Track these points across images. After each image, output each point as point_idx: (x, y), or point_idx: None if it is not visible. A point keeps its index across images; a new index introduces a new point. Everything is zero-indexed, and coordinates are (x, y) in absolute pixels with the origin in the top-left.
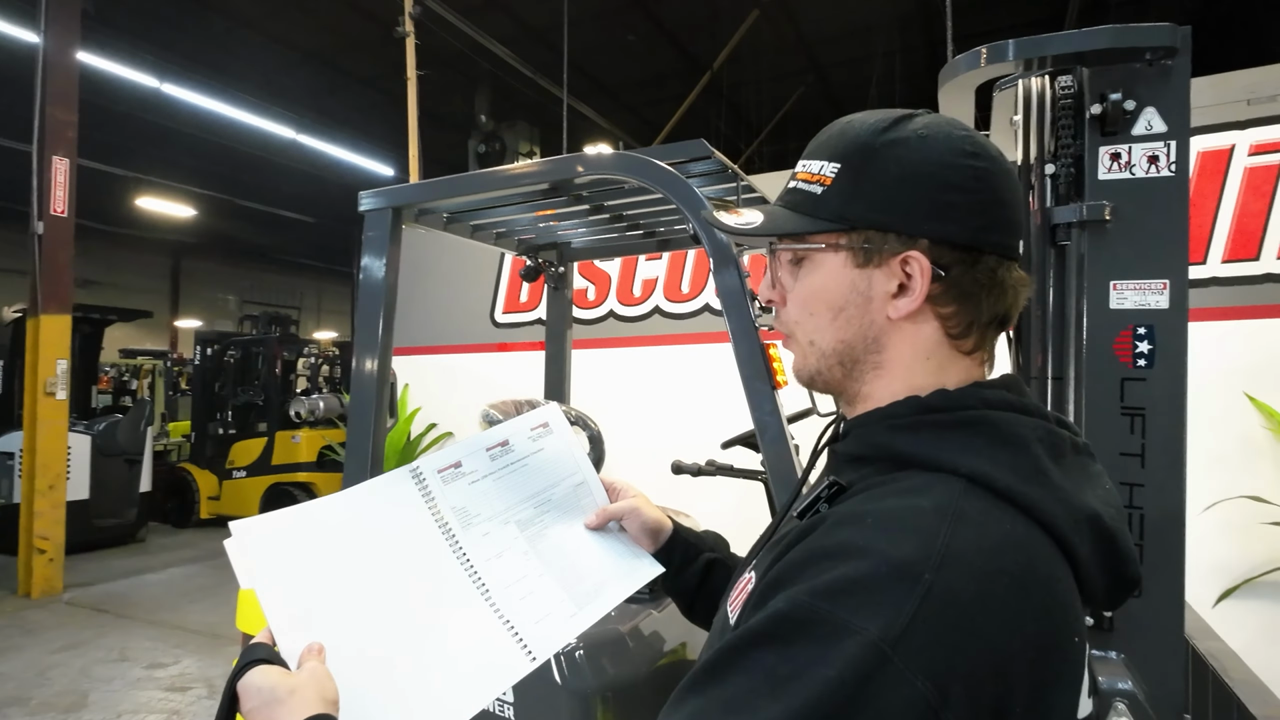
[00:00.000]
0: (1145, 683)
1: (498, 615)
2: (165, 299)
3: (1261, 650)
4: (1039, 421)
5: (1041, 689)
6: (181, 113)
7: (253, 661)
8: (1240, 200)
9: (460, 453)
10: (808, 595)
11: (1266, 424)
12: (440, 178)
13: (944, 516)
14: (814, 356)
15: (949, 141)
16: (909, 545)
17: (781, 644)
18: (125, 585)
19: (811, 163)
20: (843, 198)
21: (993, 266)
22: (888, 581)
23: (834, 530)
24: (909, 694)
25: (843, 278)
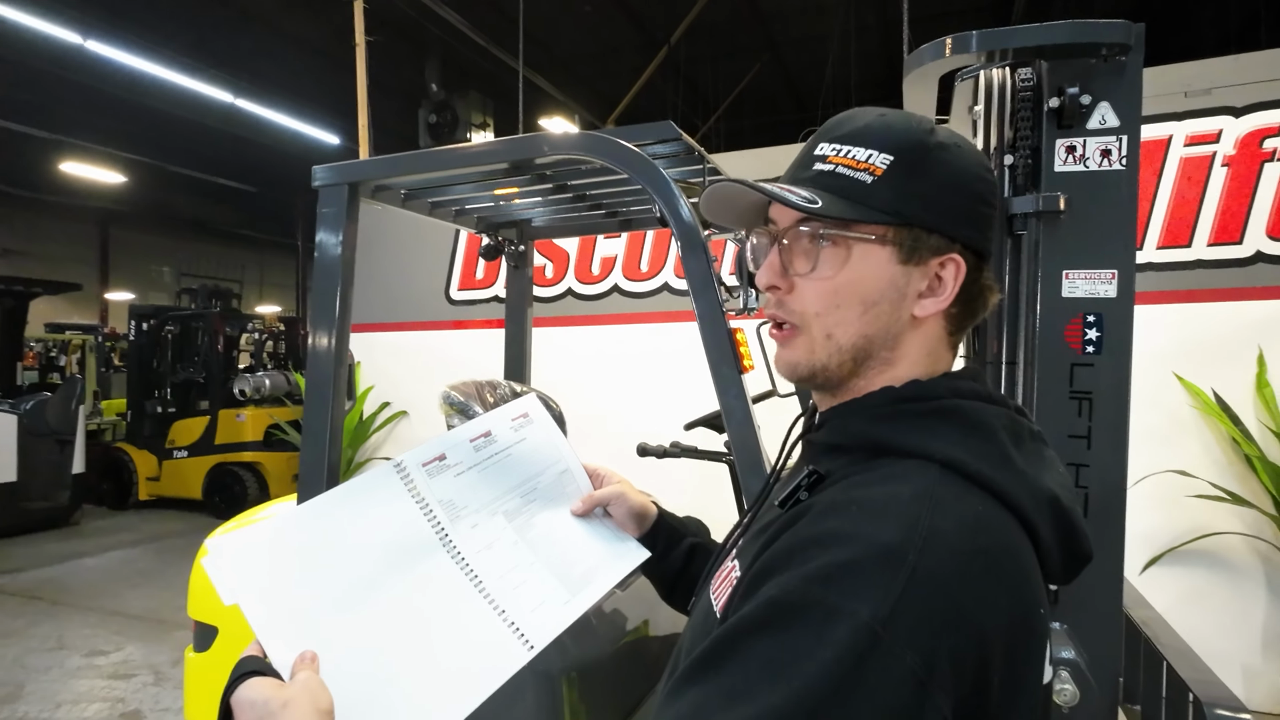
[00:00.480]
0: (1085, 650)
1: (493, 606)
2: (94, 270)
3: (1182, 613)
4: (1002, 410)
5: (1016, 659)
6: (107, 72)
7: (245, 674)
8: (1176, 189)
9: (444, 445)
10: (799, 581)
11: (1194, 403)
12: (400, 154)
13: (923, 502)
14: (827, 351)
15: (975, 155)
16: (893, 530)
17: (777, 630)
18: (60, 571)
19: (854, 149)
20: (896, 191)
21: (989, 275)
22: (875, 565)
23: (821, 519)
24: (900, 670)
25: (884, 272)
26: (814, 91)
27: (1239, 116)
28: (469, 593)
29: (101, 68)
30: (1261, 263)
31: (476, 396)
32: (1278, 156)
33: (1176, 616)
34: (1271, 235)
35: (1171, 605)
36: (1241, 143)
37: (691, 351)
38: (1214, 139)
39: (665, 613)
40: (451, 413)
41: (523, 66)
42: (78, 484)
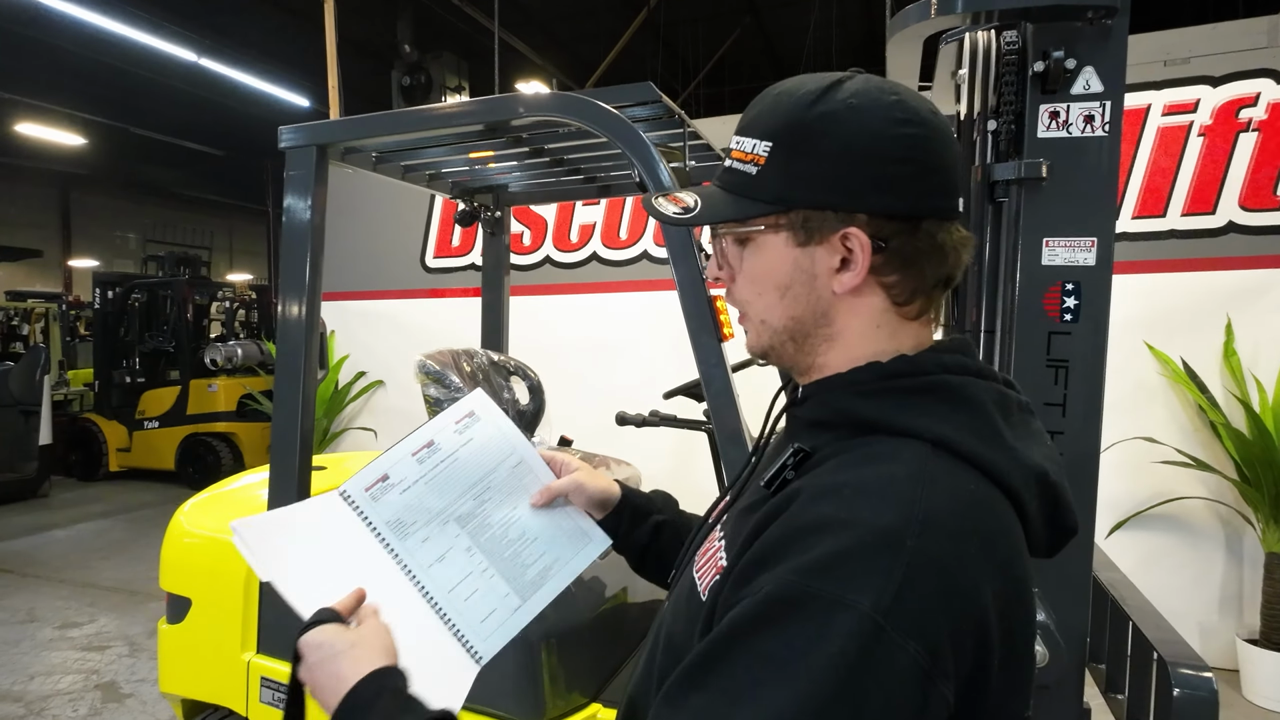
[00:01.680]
0: (1054, 612)
1: (443, 621)
2: (56, 237)
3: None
4: (991, 384)
5: (1012, 637)
6: (64, 28)
7: (314, 622)
8: (1152, 159)
9: (385, 465)
10: (796, 574)
11: (1162, 371)
12: (369, 114)
13: (917, 482)
14: (767, 333)
15: (880, 110)
16: (890, 513)
17: (777, 627)
18: (28, 543)
19: (745, 140)
20: (778, 178)
21: (932, 231)
22: (874, 551)
23: (813, 504)
24: (904, 661)
25: (786, 257)
26: (795, 57)
27: (1216, 86)
28: (420, 609)
29: (58, 23)
30: (1233, 233)
31: (453, 365)
32: (1253, 127)
33: (1138, 578)
34: (1244, 206)
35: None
36: (1218, 113)
37: (671, 320)
38: (1191, 109)
39: (644, 580)
40: (427, 381)
41: (498, 27)
42: (45, 455)
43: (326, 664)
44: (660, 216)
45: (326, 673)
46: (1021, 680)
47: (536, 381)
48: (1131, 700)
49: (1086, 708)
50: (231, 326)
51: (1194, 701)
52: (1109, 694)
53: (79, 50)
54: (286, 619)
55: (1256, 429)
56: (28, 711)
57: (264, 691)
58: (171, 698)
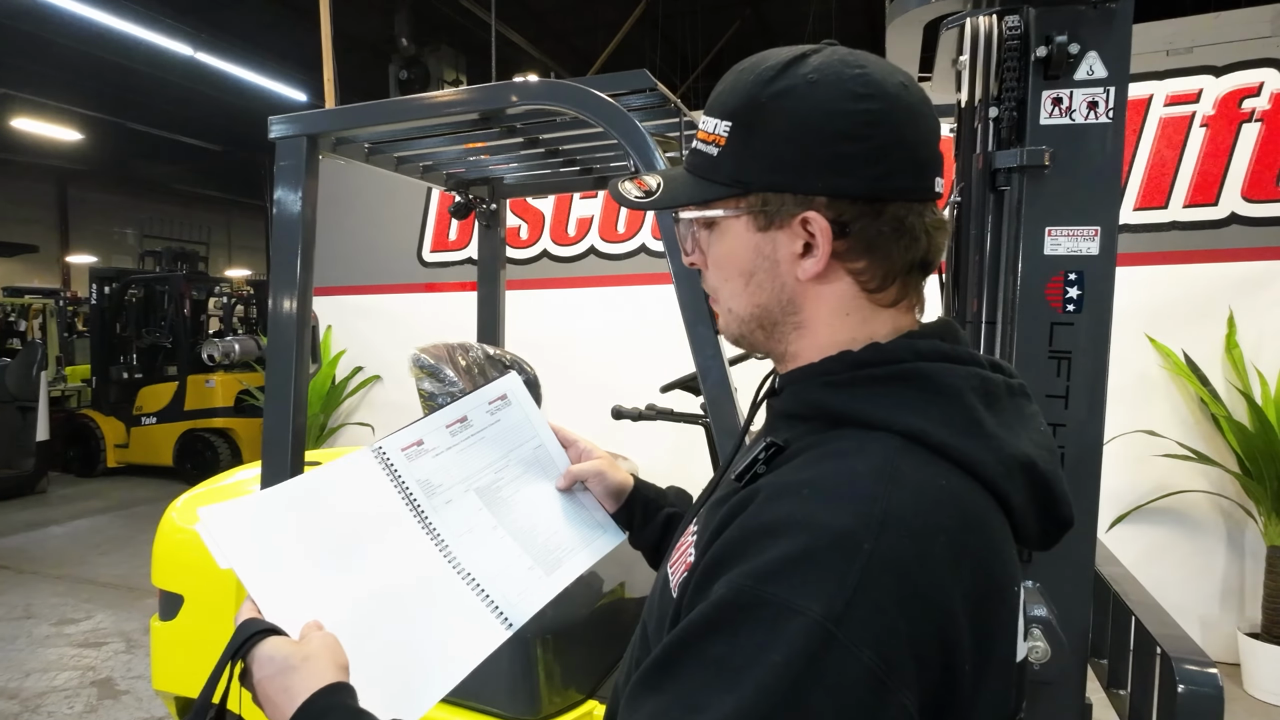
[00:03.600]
0: (1056, 607)
1: (471, 584)
2: (53, 232)
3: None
4: (972, 369)
5: (985, 639)
6: (60, 22)
7: (259, 633)
8: (1154, 150)
9: (421, 431)
10: (750, 580)
11: (1163, 363)
12: (360, 104)
13: (880, 479)
14: (734, 321)
15: (839, 84)
16: (847, 514)
17: (728, 633)
18: (26, 539)
19: (708, 120)
20: (736, 159)
21: (900, 214)
22: (828, 555)
23: (770, 504)
24: (857, 670)
25: (747, 242)
26: None
27: (1219, 76)
28: (446, 571)
29: (53, 18)
30: (1235, 224)
31: (448, 359)
32: (1256, 117)
33: (1139, 571)
34: (1246, 197)
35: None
36: (1221, 103)
37: (669, 313)
38: (1194, 99)
39: (641, 576)
40: (422, 375)
41: (496, 20)
42: (43, 451)
43: (276, 678)
44: (622, 200)
45: (276, 686)
46: (998, 683)
47: (533, 375)
48: (1134, 696)
49: (1088, 703)
50: (229, 322)
51: (1198, 697)
52: (1111, 689)
53: (75, 45)
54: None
55: (1258, 422)
56: (23, 709)
57: None
58: (165, 695)
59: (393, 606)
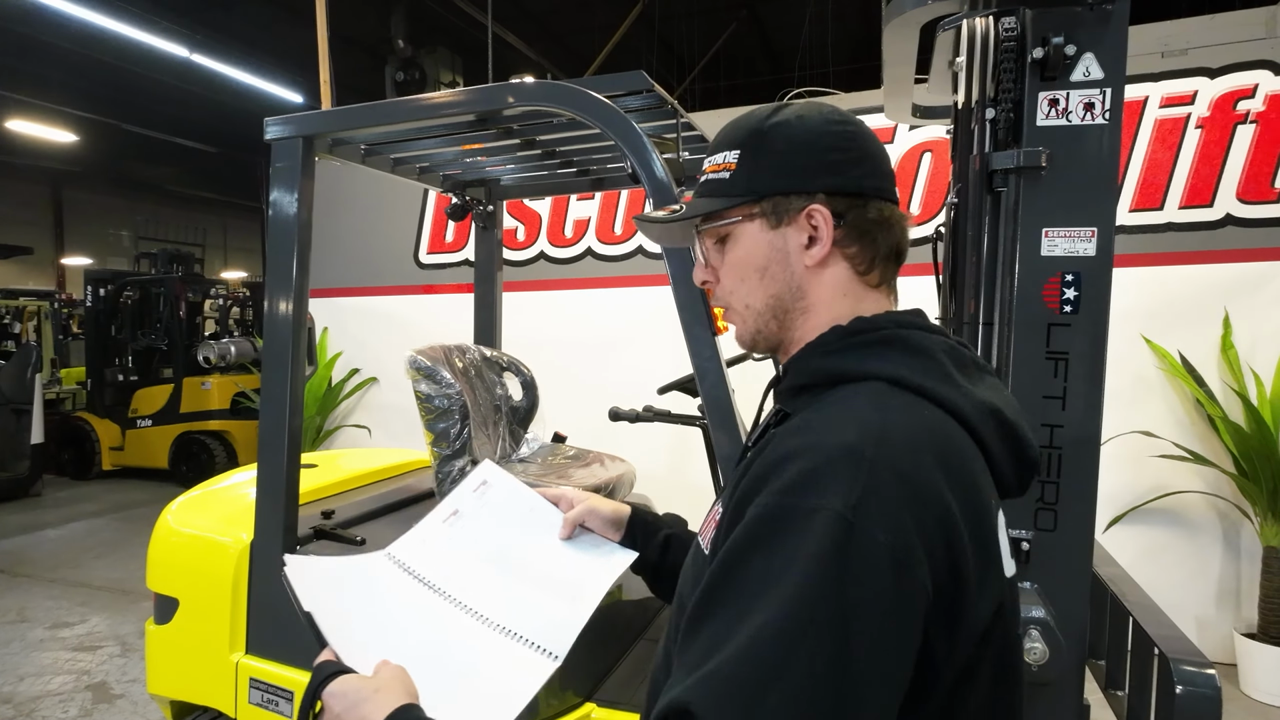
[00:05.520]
0: (1055, 609)
1: (508, 636)
2: (48, 234)
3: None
4: (943, 339)
5: (980, 544)
6: (55, 24)
7: (332, 674)
8: (1149, 151)
9: (422, 532)
10: (774, 496)
11: (1159, 364)
12: (356, 105)
13: (874, 408)
14: (751, 317)
15: (820, 115)
16: (849, 433)
17: (764, 544)
18: (20, 542)
19: (715, 156)
20: (747, 174)
21: (879, 208)
22: (838, 464)
23: (784, 440)
24: (877, 551)
25: (761, 240)
26: (790, 51)
27: (1214, 78)
28: (482, 629)
29: (49, 19)
30: (1231, 225)
31: (444, 361)
32: (1251, 119)
33: (1135, 572)
34: (1241, 198)
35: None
36: (1216, 104)
37: (666, 315)
38: (1189, 100)
39: (638, 578)
40: (418, 377)
41: (492, 21)
42: (37, 454)
43: (352, 710)
44: (651, 219)
45: (354, 717)
46: (1000, 592)
47: (530, 377)
48: (1132, 697)
49: (1086, 704)
50: (225, 324)
51: (1196, 698)
52: (1109, 690)
53: (71, 46)
54: (276, 621)
55: (1254, 422)
56: (17, 713)
57: (253, 693)
58: (160, 699)
59: (448, 655)
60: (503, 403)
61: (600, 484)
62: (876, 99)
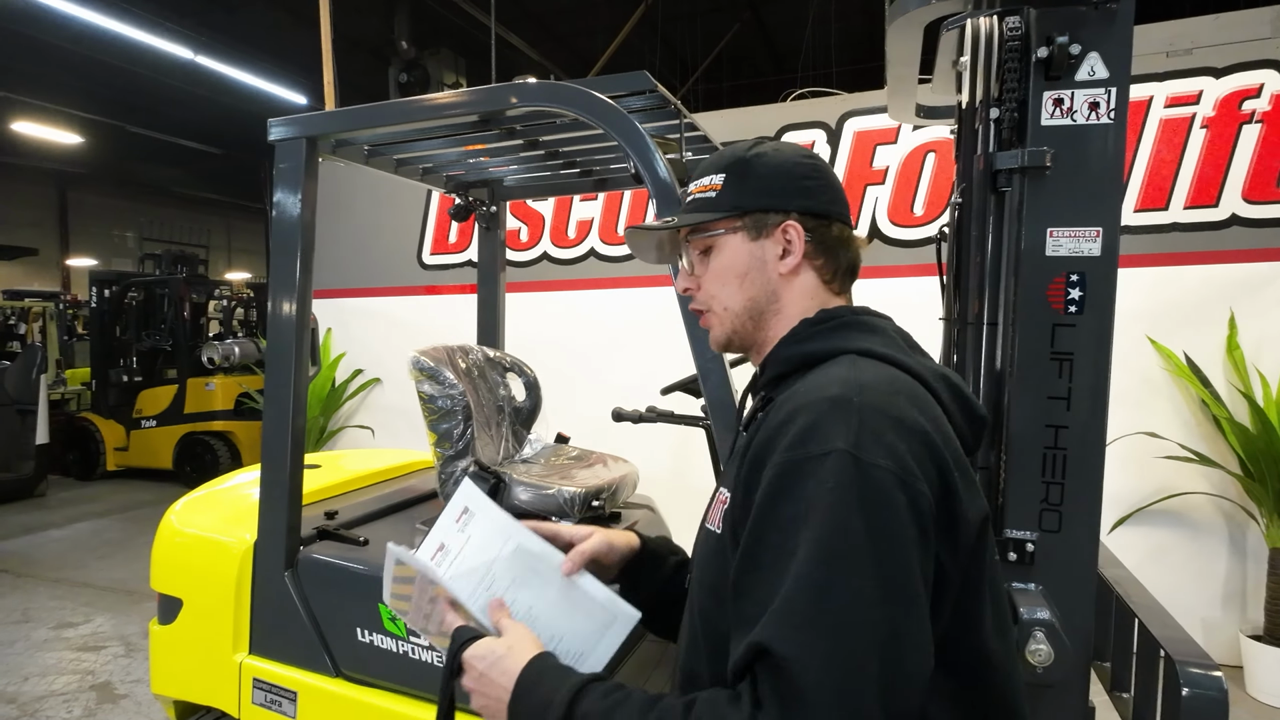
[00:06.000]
0: (1060, 610)
1: None
2: (53, 235)
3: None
4: (892, 323)
5: (959, 462)
6: (59, 26)
7: (469, 640)
8: (1154, 151)
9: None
10: (786, 453)
11: (1165, 365)
12: (360, 106)
13: (850, 370)
14: (729, 319)
15: (793, 150)
16: (834, 389)
17: (788, 494)
18: (25, 543)
19: (701, 179)
20: (733, 194)
21: (840, 229)
22: (832, 413)
23: (779, 409)
24: (883, 477)
25: (743, 250)
26: (793, 52)
27: (1219, 78)
28: None
29: (54, 21)
30: (1236, 226)
31: (447, 362)
32: (1256, 119)
33: (1141, 574)
34: (1247, 198)
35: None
36: (1221, 104)
37: (669, 316)
38: (1194, 100)
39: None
40: (421, 378)
41: (495, 23)
42: (42, 455)
43: (494, 667)
44: (645, 227)
45: (498, 672)
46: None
47: (533, 378)
48: (1138, 699)
49: (1091, 707)
50: (229, 325)
51: (1203, 700)
52: (1114, 693)
53: (75, 48)
54: (279, 621)
55: (1260, 423)
56: (21, 713)
57: (256, 693)
58: (164, 699)
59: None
60: (506, 403)
61: (603, 485)
62: (880, 99)
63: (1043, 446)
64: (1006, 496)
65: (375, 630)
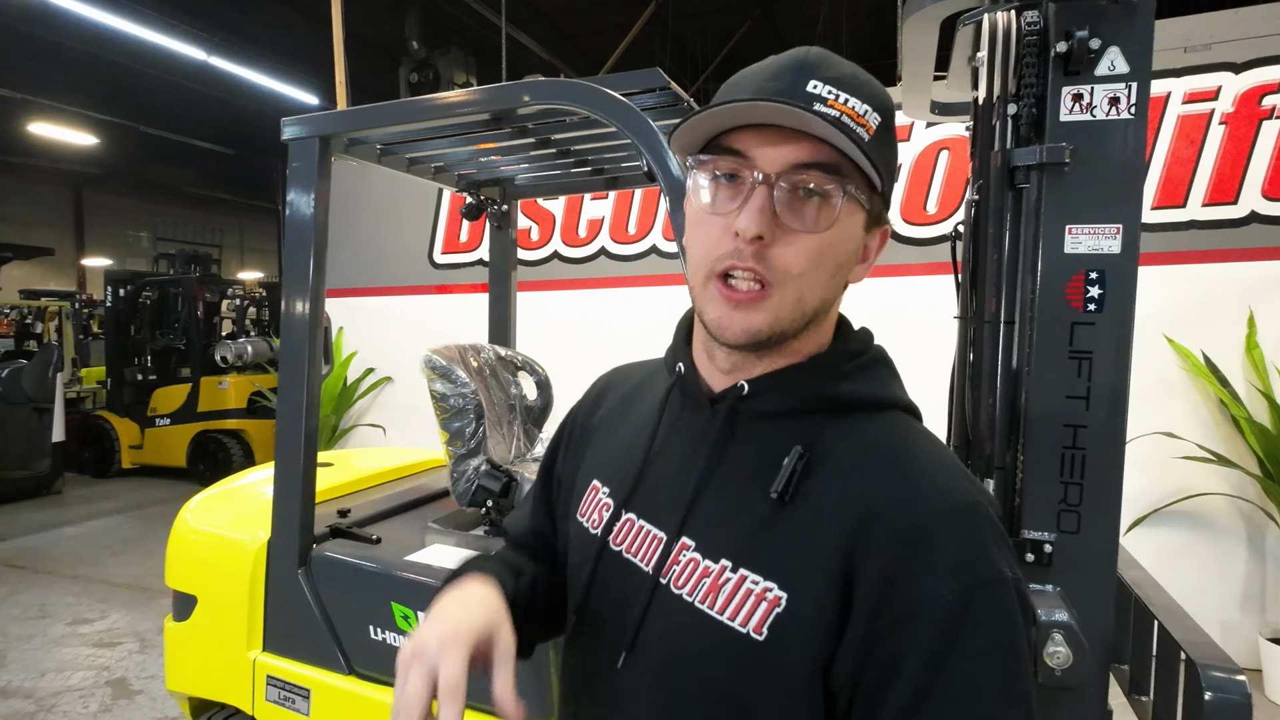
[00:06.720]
0: (1078, 612)
1: None
2: (68, 235)
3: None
4: None
5: None
6: (75, 28)
7: None
8: (1172, 148)
9: None
10: (953, 579)
11: (1182, 364)
12: (372, 104)
13: (935, 447)
14: (792, 315)
15: None
16: (962, 483)
17: (977, 635)
18: (41, 539)
19: (851, 99)
20: (879, 153)
21: None
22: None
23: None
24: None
25: (855, 236)
26: None
27: (1239, 73)
28: None
29: (68, 23)
30: (1255, 223)
31: (459, 360)
32: (1277, 114)
33: (1158, 575)
34: (1267, 195)
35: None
36: (1240, 100)
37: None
38: (1213, 96)
39: None
40: (433, 377)
41: (506, 22)
42: (58, 452)
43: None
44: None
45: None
46: None
47: (544, 376)
48: (1157, 703)
49: (1109, 710)
50: (242, 324)
51: (1226, 705)
52: (1133, 696)
53: (90, 50)
54: (292, 619)
55: None
56: (38, 708)
57: (270, 690)
58: (178, 695)
59: None
60: (517, 402)
61: None
62: (893, 96)
63: (1061, 446)
64: (1024, 497)
65: (388, 628)
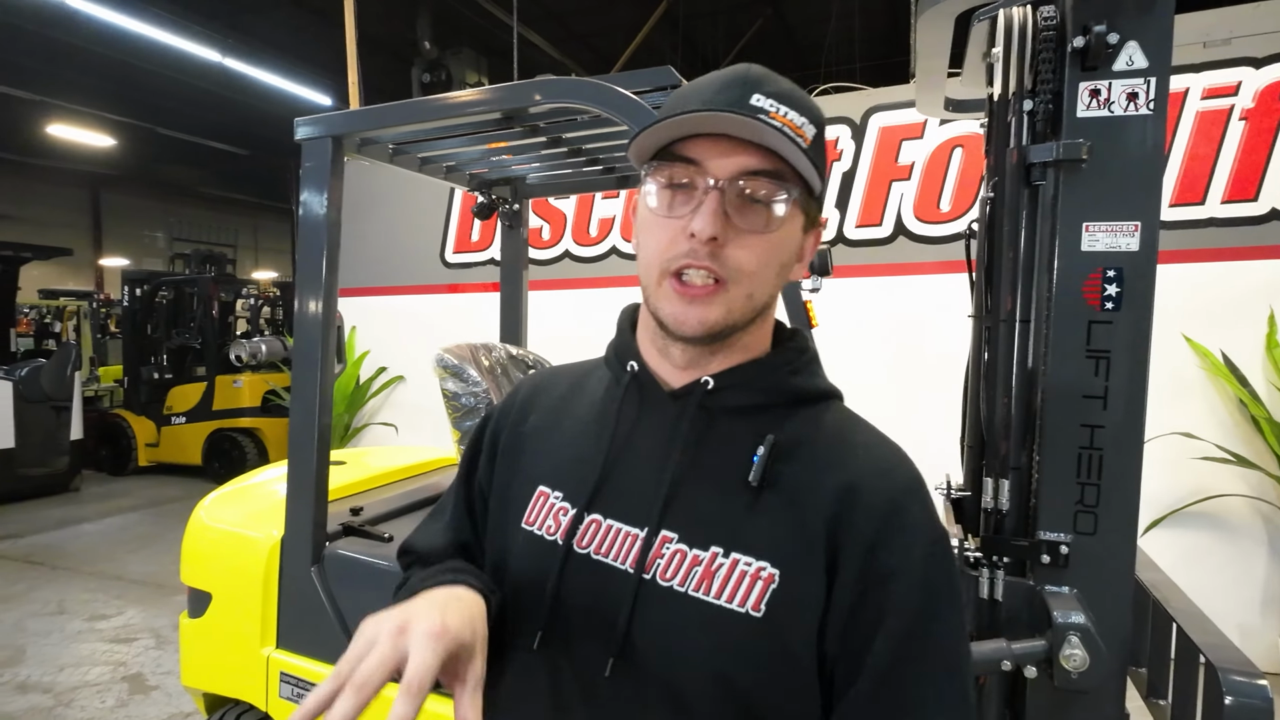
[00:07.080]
0: (1095, 614)
1: None
2: (86, 235)
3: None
4: None
5: None
6: (92, 31)
7: None
8: (1190, 144)
9: None
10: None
11: (1201, 364)
12: (385, 104)
13: (876, 429)
14: (743, 310)
15: None
16: (904, 458)
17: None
18: (59, 536)
19: (791, 112)
20: (814, 161)
21: None
22: (926, 493)
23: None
24: None
25: (796, 237)
26: (816, 48)
27: (1259, 68)
28: None
29: (85, 25)
30: (1276, 221)
31: (471, 359)
32: None
33: (1176, 577)
34: None
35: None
36: (1261, 95)
37: None
38: (1232, 91)
39: None
40: (445, 376)
41: (517, 22)
42: (76, 450)
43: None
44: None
45: None
46: None
47: None
48: (1175, 706)
49: (1126, 714)
50: (256, 323)
51: (1247, 709)
52: (1151, 699)
53: (106, 52)
54: (306, 616)
55: None
56: (56, 702)
57: (283, 686)
58: (193, 691)
59: None
60: None
61: None
62: (905, 94)
63: (1078, 447)
64: (1040, 498)
65: None
